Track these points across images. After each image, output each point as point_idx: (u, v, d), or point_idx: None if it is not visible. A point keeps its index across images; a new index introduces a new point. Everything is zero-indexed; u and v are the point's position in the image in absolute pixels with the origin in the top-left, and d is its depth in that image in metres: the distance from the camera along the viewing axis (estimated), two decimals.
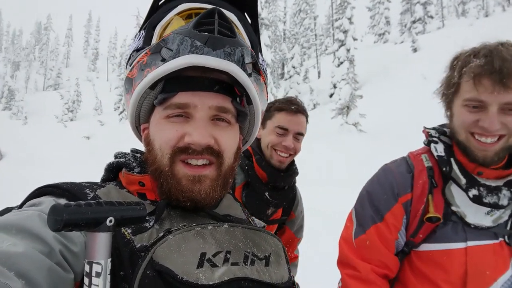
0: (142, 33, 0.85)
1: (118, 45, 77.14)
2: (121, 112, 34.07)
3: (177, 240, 0.69)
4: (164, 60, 0.75)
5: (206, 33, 0.75)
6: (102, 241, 0.57)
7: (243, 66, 0.78)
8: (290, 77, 27.36)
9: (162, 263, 0.65)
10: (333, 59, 22.90)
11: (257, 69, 0.84)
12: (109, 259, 0.58)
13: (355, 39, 21.95)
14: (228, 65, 0.74)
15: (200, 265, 0.67)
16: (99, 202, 0.57)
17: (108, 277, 0.57)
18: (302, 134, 1.91)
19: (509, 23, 23.71)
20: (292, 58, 27.79)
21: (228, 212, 0.88)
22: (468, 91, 1.24)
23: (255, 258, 0.76)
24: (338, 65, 21.90)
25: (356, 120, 16.78)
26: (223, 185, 0.82)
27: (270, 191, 1.87)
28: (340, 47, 22.24)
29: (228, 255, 0.72)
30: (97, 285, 0.56)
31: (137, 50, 0.83)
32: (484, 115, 1.20)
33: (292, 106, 1.89)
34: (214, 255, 0.70)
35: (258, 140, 1.97)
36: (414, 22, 34.14)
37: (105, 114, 42.61)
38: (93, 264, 0.56)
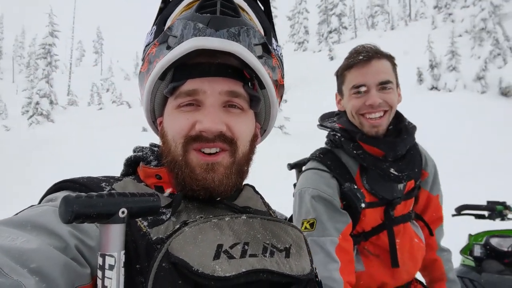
0: (154, 28, 0.84)
1: (26, 44, 70.28)
2: (30, 117, 31.05)
3: (193, 232, 0.67)
4: (170, 48, 0.74)
5: (208, 14, 0.72)
6: (115, 233, 0.56)
7: (250, 47, 0.73)
8: None
9: (178, 255, 0.63)
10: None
11: (268, 52, 0.80)
12: (123, 252, 0.57)
13: None
14: (232, 45, 0.70)
15: (216, 256, 0.65)
16: (111, 193, 0.56)
17: (122, 269, 0.56)
18: (388, 82, 1.50)
19: (411, 35, 26.85)
20: None
21: (247, 204, 0.85)
22: None
23: (274, 250, 0.72)
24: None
25: (281, 123, 17.38)
26: (237, 173, 0.79)
27: (395, 166, 1.52)
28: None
29: (246, 247, 0.69)
30: (110, 278, 0.55)
31: (149, 44, 0.82)
32: None
33: (360, 56, 1.52)
34: (231, 247, 0.68)
35: (346, 115, 1.63)
36: (330, 32, 36.49)
37: (11, 118, 38.50)
38: (106, 257, 0.55)
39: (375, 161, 1.53)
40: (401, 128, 1.59)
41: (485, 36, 20.85)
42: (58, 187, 0.76)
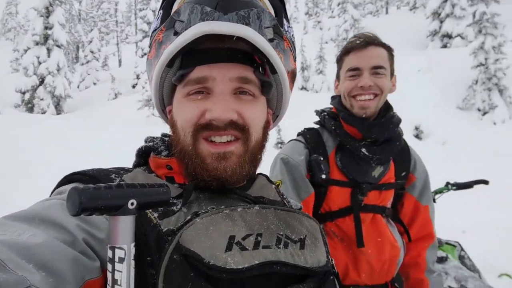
0: (160, 13, 0.78)
1: None
2: None
3: (204, 223, 0.64)
4: (177, 34, 0.70)
5: None
6: (124, 225, 0.54)
7: (260, 30, 0.70)
8: (88, 62, 25.16)
9: (189, 247, 0.61)
10: (136, 49, 22.39)
11: (279, 34, 0.76)
12: (133, 244, 0.56)
13: None
14: (242, 29, 0.67)
15: (228, 248, 0.63)
16: (119, 184, 0.54)
17: (132, 262, 0.55)
18: (381, 67, 1.55)
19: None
20: (91, 42, 25.61)
21: (261, 194, 0.82)
22: None
23: (288, 241, 0.70)
24: (142, 56, 21.59)
25: None
26: (251, 162, 0.77)
27: (368, 147, 1.57)
28: (144, 38, 21.95)
29: (259, 238, 0.67)
30: (120, 271, 0.53)
31: (156, 30, 0.77)
32: None
33: (357, 41, 1.58)
34: (243, 238, 0.65)
35: (339, 97, 1.69)
36: None
37: None
38: (116, 249, 0.54)
39: (350, 139, 1.59)
40: (387, 117, 1.63)
41: None
42: (68, 179, 0.72)
